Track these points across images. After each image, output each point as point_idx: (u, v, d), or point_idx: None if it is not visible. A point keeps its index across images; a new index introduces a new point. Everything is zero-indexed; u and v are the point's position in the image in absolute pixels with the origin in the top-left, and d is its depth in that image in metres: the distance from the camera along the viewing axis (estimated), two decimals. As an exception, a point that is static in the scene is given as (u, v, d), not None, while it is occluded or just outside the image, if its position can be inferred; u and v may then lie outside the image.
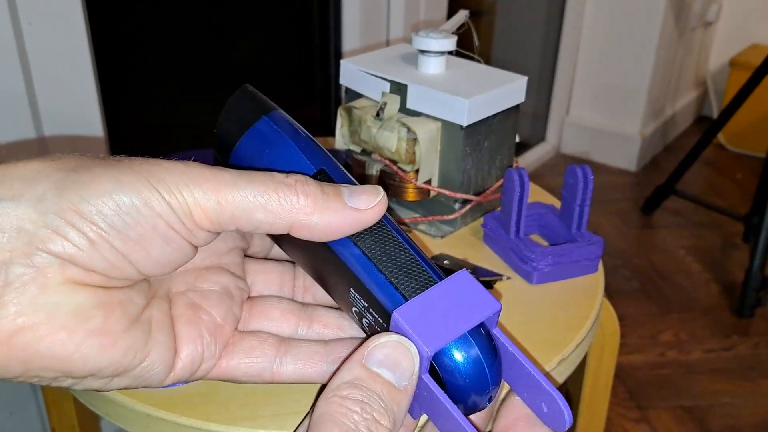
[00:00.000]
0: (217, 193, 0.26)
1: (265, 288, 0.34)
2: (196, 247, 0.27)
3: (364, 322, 0.30)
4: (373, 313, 0.28)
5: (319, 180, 0.29)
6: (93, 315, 0.25)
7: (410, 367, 0.25)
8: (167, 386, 0.29)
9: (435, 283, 0.28)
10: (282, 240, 0.32)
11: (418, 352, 0.25)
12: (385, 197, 0.29)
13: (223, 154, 0.32)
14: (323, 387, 0.30)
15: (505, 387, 0.28)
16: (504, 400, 0.29)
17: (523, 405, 0.28)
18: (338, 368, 0.26)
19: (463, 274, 0.28)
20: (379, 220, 0.29)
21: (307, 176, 0.28)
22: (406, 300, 0.27)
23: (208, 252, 0.32)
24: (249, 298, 0.33)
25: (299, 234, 0.27)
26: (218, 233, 0.27)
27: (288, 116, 0.33)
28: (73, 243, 0.24)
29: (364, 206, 0.28)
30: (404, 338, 0.26)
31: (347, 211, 0.27)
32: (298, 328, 0.33)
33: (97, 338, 0.25)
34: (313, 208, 0.27)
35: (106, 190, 0.24)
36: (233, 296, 0.32)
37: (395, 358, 0.25)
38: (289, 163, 0.30)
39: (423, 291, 0.27)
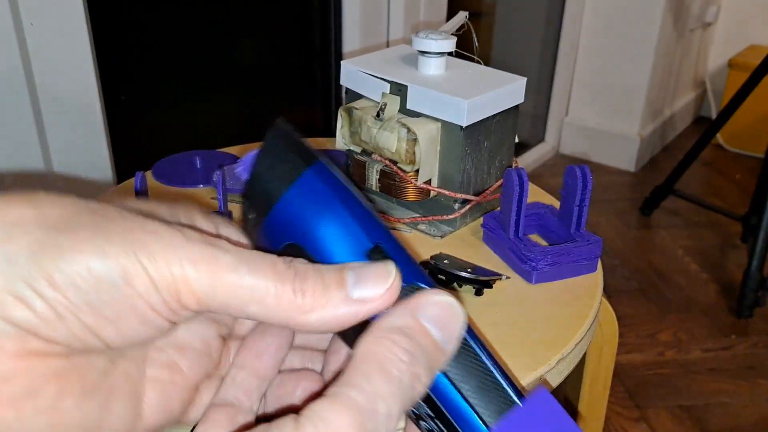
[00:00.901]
0: (213, 277, 0.23)
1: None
2: (175, 323, 0.24)
3: (422, 425, 0.27)
4: (440, 425, 0.26)
5: (375, 258, 0.26)
6: (45, 390, 0.22)
7: (457, 330, 0.25)
8: None
9: (515, 404, 0.25)
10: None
11: None
12: (398, 279, 0.25)
13: (258, 210, 0.27)
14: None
15: None
16: None
17: None
18: (388, 312, 0.24)
19: (543, 395, 0.26)
20: None
21: (306, 264, 0.25)
22: (487, 426, 0.25)
23: None
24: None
25: (298, 330, 0.25)
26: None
27: (334, 167, 0.28)
28: (37, 314, 0.21)
29: (371, 296, 0.24)
30: (455, 301, 0.25)
31: (351, 305, 0.24)
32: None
33: (45, 416, 0.22)
34: (310, 306, 0.24)
35: (85, 260, 0.21)
36: (211, 350, 0.29)
37: (445, 319, 0.25)
38: (341, 234, 0.26)
39: (503, 414, 0.25)
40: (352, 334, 0.26)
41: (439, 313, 0.25)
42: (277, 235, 0.27)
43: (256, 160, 0.27)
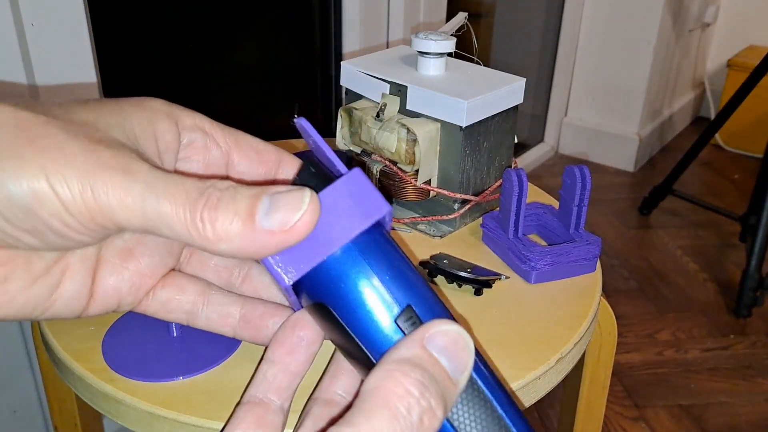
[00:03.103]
0: (122, 203, 0.23)
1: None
2: (103, 237, 0.26)
3: None
4: None
5: (405, 323, 0.26)
6: None
7: (467, 361, 0.24)
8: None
9: None
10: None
11: None
12: (314, 205, 0.24)
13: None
14: (315, 388, 0.30)
15: None
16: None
17: None
18: (395, 344, 0.24)
19: None
20: None
21: (223, 189, 0.24)
22: None
23: None
24: None
25: (214, 254, 0.25)
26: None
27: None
28: None
29: (279, 227, 0.24)
30: (464, 330, 0.24)
31: (259, 236, 0.24)
32: (230, 281, 0.33)
33: None
34: (217, 236, 0.23)
35: (3, 180, 0.23)
36: (171, 245, 0.31)
37: (455, 349, 0.24)
38: (370, 304, 0.25)
39: None
40: (359, 359, 0.26)
41: (448, 343, 0.24)
42: (306, 293, 0.26)
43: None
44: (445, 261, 0.53)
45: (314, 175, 0.27)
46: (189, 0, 1.00)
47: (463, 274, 0.51)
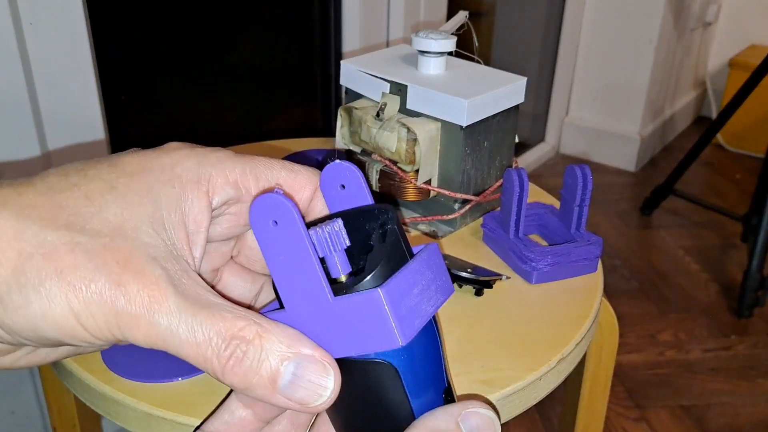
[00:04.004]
0: (148, 333, 0.24)
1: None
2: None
3: None
4: None
5: (447, 390, 0.28)
6: None
7: None
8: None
9: None
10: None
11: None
12: (336, 388, 0.25)
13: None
14: None
15: None
16: None
17: None
18: (431, 413, 0.26)
19: None
20: None
21: (251, 338, 0.24)
22: None
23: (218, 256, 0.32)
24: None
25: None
26: None
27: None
28: None
29: (298, 403, 0.25)
30: (497, 418, 0.26)
31: (281, 400, 0.25)
32: None
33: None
34: (240, 388, 0.25)
35: (31, 319, 0.24)
36: (222, 254, 0.32)
37: (485, 430, 0.26)
38: (434, 370, 0.27)
39: None
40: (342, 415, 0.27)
41: (481, 425, 0.25)
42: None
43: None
44: (446, 261, 0.53)
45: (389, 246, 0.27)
46: (189, 0, 1.00)
47: (463, 274, 0.51)
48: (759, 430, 1.17)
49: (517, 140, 0.63)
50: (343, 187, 0.29)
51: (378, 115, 0.58)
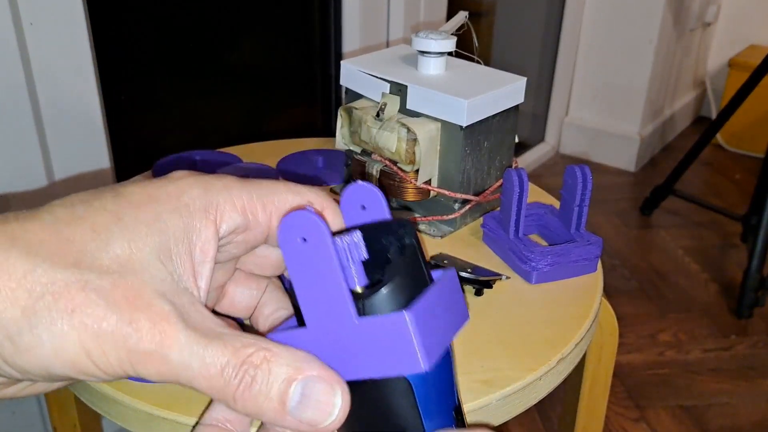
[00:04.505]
0: (159, 369, 0.25)
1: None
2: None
3: None
4: None
5: (457, 410, 0.28)
6: None
7: None
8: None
9: None
10: None
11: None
12: (345, 407, 0.25)
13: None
14: None
15: None
16: None
17: None
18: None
19: None
20: None
21: (259, 359, 0.25)
22: None
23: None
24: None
25: None
26: None
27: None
28: None
29: (307, 424, 0.25)
30: None
31: (292, 422, 0.25)
32: None
33: None
34: (252, 413, 0.25)
35: (44, 361, 0.24)
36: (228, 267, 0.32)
37: None
38: (446, 389, 0.27)
39: None
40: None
41: None
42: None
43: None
44: (446, 261, 0.53)
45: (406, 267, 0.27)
46: (189, 0, 1.00)
47: (463, 274, 0.51)
48: (759, 430, 1.17)
49: (517, 140, 0.63)
50: (364, 207, 0.29)
51: (378, 115, 0.58)
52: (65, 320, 0.23)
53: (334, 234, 0.26)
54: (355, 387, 0.26)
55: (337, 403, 0.25)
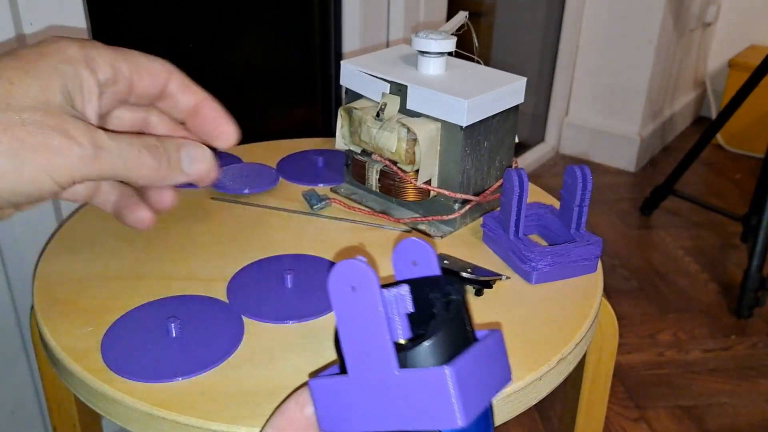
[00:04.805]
0: (99, 175, 0.35)
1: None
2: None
3: None
4: None
5: None
6: None
7: None
8: None
9: None
10: None
11: None
12: (214, 162, 0.41)
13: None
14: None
15: None
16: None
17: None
18: None
19: None
20: None
21: (163, 148, 0.38)
22: None
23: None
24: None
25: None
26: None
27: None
28: None
29: (195, 171, 0.40)
30: None
31: (183, 176, 0.39)
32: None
33: None
34: (163, 177, 0.38)
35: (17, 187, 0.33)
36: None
37: None
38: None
39: None
40: None
41: None
42: None
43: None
44: (446, 261, 0.53)
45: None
46: (189, 0, 1.00)
47: (463, 274, 0.51)
48: (759, 430, 1.17)
49: (517, 140, 0.63)
50: (415, 263, 0.30)
51: (378, 115, 0.58)
52: (18, 149, 0.32)
53: (383, 286, 0.27)
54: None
55: (208, 154, 0.41)
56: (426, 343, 0.26)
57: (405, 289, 0.27)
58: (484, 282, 0.51)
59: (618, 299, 1.50)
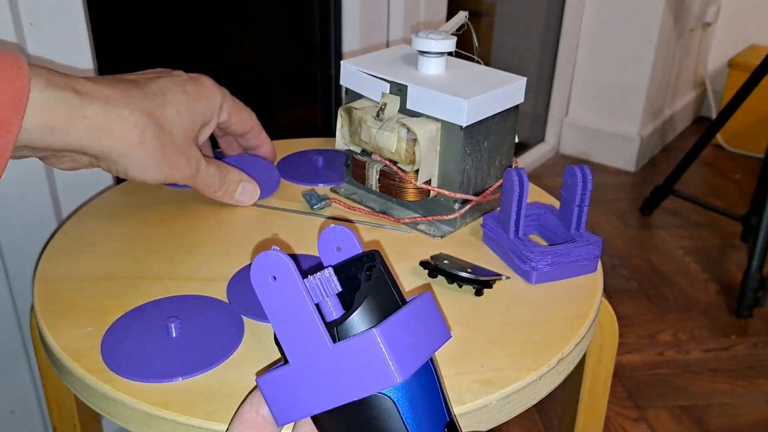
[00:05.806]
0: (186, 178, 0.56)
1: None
2: None
3: None
4: None
5: (450, 427, 0.29)
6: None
7: None
8: None
9: None
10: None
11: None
12: (256, 195, 0.62)
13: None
14: None
15: None
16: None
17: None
18: None
19: None
20: None
21: (225, 176, 0.60)
22: None
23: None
24: None
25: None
26: None
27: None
28: None
29: (244, 202, 0.61)
30: None
31: (233, 201, 0.61)
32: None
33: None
34: (219, 196, 0.60)
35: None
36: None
37: None
38: (433, 406, 0.29)
39: None
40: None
41: None
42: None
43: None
44: (446, 261, 0.53)
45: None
46: (189, 0, 1.00)
47: (463, 274, 0.51)
48: (759, 430, 1.17)
49: (517, 140, 0.63)
50: (339, 249, 0.31)
51: (378, 115, 0.58)
52: (161, 160, 0.51)
53: (307, 274, 0.28)
54: (343, 412, 0.27)
55: (256, 192, 0.61)
56: (354, 313, 0.27)
57: (329, 272, 0.28)
58: (484, 282, 0.51)
59: (618, 299, 1.50)
